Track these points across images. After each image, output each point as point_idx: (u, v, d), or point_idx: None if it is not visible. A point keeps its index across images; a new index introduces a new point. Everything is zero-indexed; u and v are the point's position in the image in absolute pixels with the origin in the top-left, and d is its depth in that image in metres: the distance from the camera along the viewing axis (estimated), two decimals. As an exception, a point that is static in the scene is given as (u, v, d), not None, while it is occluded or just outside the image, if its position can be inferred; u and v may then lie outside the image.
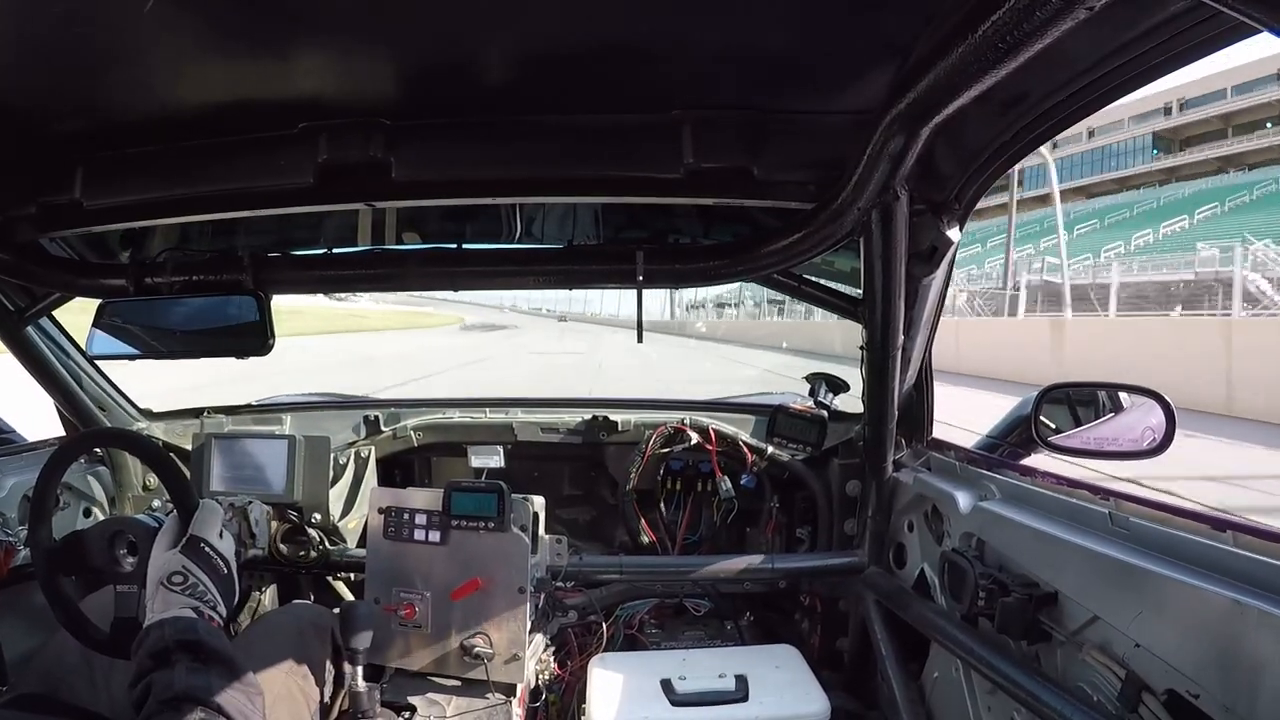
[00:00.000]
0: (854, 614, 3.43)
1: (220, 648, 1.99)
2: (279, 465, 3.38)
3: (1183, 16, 1.41)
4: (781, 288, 3.04)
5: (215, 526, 2.33)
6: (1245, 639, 1.49)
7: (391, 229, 3.07)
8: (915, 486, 2.96)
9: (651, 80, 2.07)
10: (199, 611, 2.09)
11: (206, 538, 2.27)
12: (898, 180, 2.02)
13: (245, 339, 2.73)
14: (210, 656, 1.94)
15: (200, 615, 2.07)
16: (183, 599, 2.11)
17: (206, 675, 1.88)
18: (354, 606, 2.61)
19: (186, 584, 2.15)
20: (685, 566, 3.50)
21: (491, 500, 2.91)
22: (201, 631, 1.99)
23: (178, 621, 2.00)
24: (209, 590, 2.17)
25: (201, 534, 2.27)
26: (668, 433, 3.77)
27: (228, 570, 2.28)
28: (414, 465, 4.26)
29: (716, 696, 2.85)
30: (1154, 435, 2.62)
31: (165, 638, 1.94)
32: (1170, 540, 1.78)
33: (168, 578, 2.14)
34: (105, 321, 2.79)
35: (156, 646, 1.93)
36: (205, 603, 2.14)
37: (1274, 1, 0.93)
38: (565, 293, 4.88)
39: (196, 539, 2.26)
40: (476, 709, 2.85)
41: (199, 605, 2.11)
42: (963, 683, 2.62)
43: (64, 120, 2.20)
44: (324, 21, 1.75)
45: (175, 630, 1.97)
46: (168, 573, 2.15)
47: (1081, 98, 1.78)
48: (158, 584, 2.14)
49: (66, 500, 3.46)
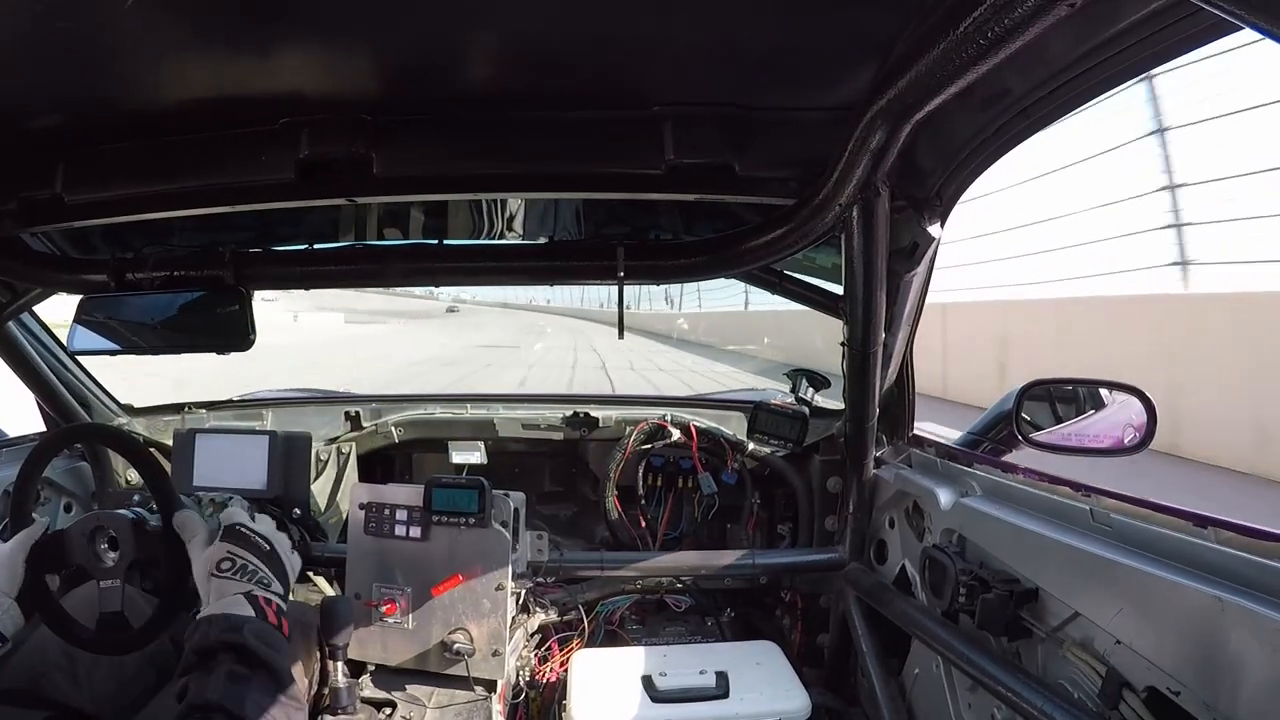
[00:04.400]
0: (835, 610, 3.43)
1: (267, 654, 1.91)
2: (260, 461, 3.36)
3: (1164, 13, 1.41)
4: (763, 284, 3.05)
5: (244, 514, 2.31)
6: (1226, 636, 1.49)
7: (373, 225, 3.06)
8: (896, 483, 2.97)
9: (632, 76, 2.07)
10: (253, 596, 2.05)
11: (239, 523, 2.25)
12: (879, 176, 2.03)
13: (226, 335, 2.72)
14: (255, 662, 1.88)
15: (256, 600, 2.03)
16: (236, 583, 2.08)
17: (247, 685, 1.83)
18: (334, 603, 2.60)
19: (235, 567, 2.12)
20: (666, 563, 3.49)
21: (472, 496, 2.90)
22: (249, 634, 1.92)
23: (228, 619, 1.95)
24: (259, 568, 2.15)
25: (233, 520, 2.25)
26: (649, 429, 3.78)
27: (270, 547, 2.25)
28: (395, 461, 4.27)
29: (697, 693, 2.85)
30: (1135, 432, 2.62)
31: (211, 635, 1.90)
32: (1151, 537, 1.78)
33: (215, 566, 2.11)
34: (86, 317, 2.78)
35: (203, 643, 1.89)
36: (258, 583, 2.10)
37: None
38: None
39: (230, 526, 2.23)
40: (457, 704, 2.84)
41: (252, 588, 2.07)
42: (943, 679, 2.63)
43: (45, 115, 2.18)
44: (305, 17, 1.74)
45: (222, 629, 1.92)
46: (214, 562, 2.12)
47: (1064, 94, 1.78)
48: (208, 576, 2.11)
49: (47, 495, 3.46)
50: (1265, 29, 0.93)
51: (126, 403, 4.00)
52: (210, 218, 2.52)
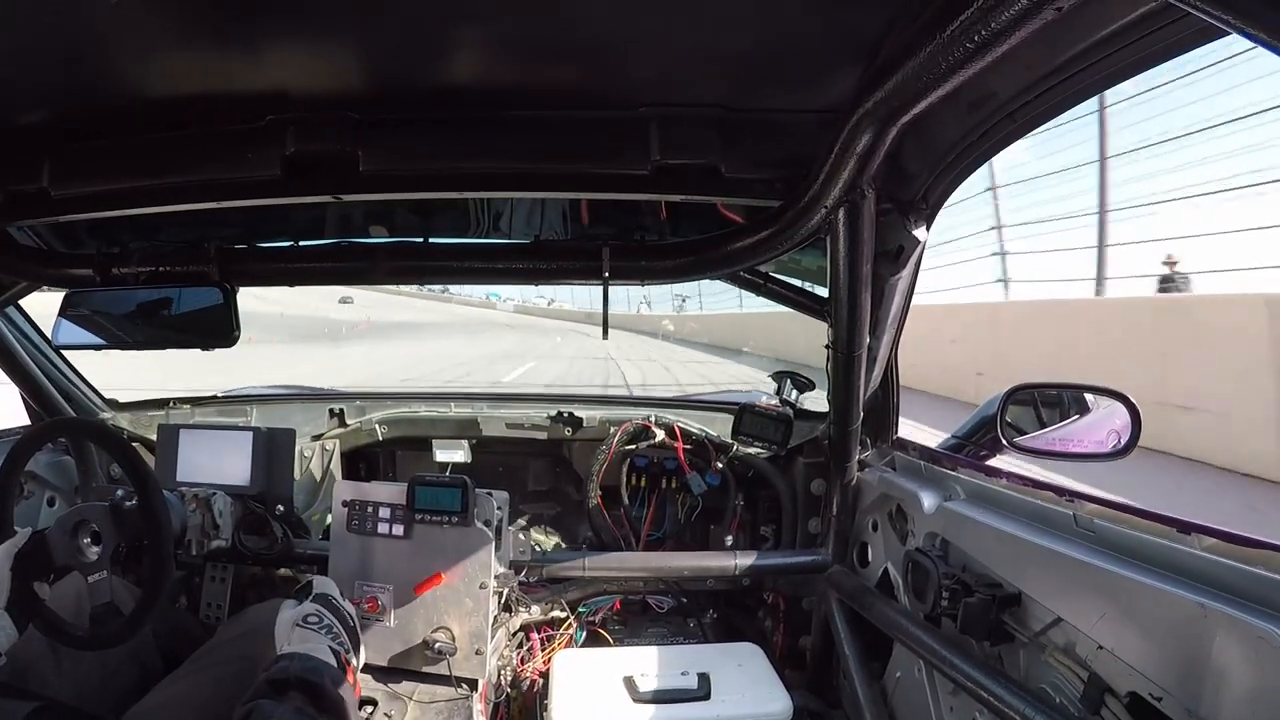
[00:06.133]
0: (817, 613, 3.44)
1: (339, 702, 1.91)
2: (244, 457, 3.37)
3: (1151, 18, 1.41)
4: (748, 286, 3.04)
5: (335, 590, 2.39)
6: (1208, 642, 1.49)
7: (359, 223, 3.06)
8: (880, 486, 2.97)
9: (619, 77, 2.06)
10: (336, 652, 2.08)
11: (331, 594, 2.32)
12: (865, 179, 2.03)
13: (211, 331, 2.71)
14: (326, 706, 1.88)
15: (339, 656, 2.07)
16: (319, 636, 2.12)
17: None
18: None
19: (322, 624, 2.17)
20: (649, 564, 3.50)
21: (455, 495, 2.90)
22: (327, 678, 1.93)
23: (309, 660, 1.97)
24: (343, 633, 2.19)
25: (326, 591, 2.32)
26: (633, 429, 3.78)
27: (353, 624, 2.31)
28: (379, 459, 4.28)
29: (679, 694, 2.85)
30: (1119, 437, 2.62)
31: (290, 670, 1.90)
32: (1134, 542, 1.78)
33: (303, 618, 2.17)
34: (71, 311, 2.77)
35: (279, 675, 1.89)
36: (340, 644, 2.14)
37: (1241, 4, 0.93)
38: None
39: (323, 594, 2.30)
40: (438, 703, 2.84)
41: (335, 645, 2.11)
42: (925, 683, 2.63)
43: (32, 109, 2.17)
44: (292, 14, 1.73)
45: (302, 667, 1.93)
46: (302, 615, 2.18)
47: (1050, 98, 1.78)
48: (292, 626, 2.15)
49: (31, 489, 3.47)
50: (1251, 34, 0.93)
51: (111, 397, 3.99)
52: (196, 214, 2.51)
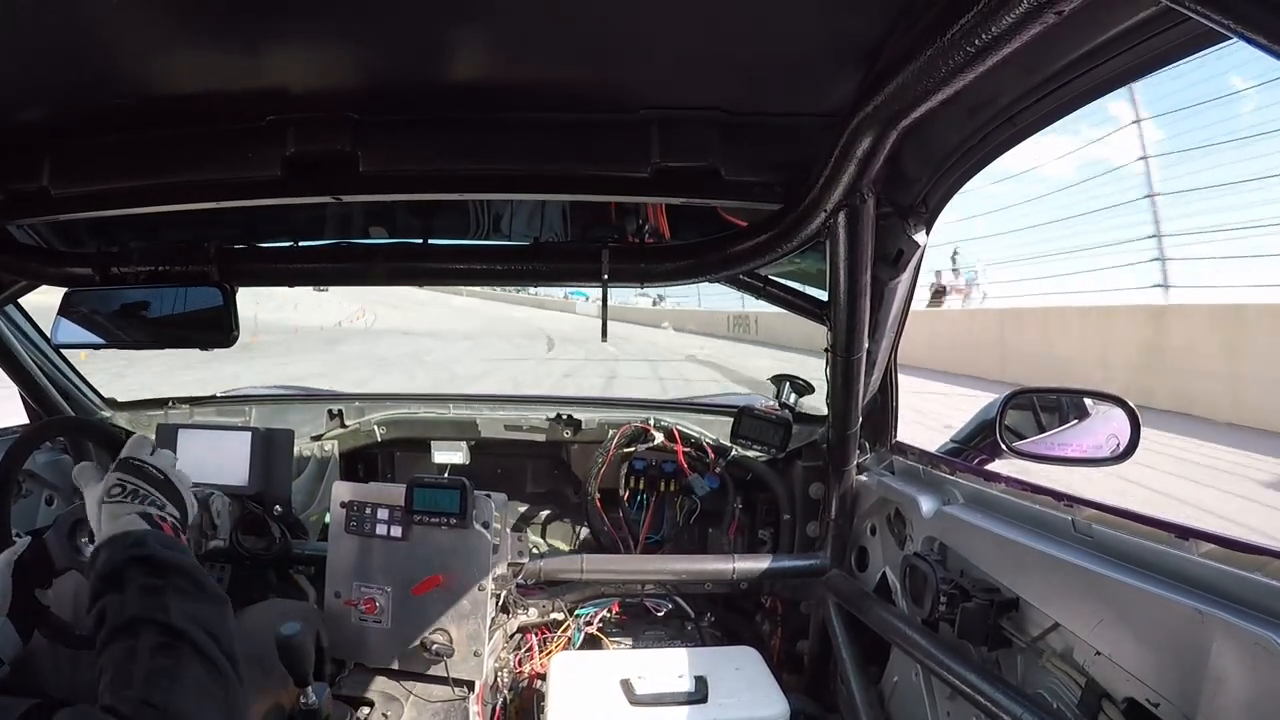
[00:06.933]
0: (815, 616, 3.44)
1: (176, 559, 1.78)
2: (242, 457, 3.37)
3: (1152, 22, 1.41)
4: (747, 289, 3.03)
5: (145, 448, 2.14)
6: (1206, 649, 1.49)
7: (359, 223, 3.05)
8: (878, 490, 2.97)
9: (620, 79, 2.06)
10: (148, 515, 1.91)
11: (134, 456, 2.08)
12: (865, 183, 2.02)
13: (209, 330, 2.72)
14: (166, 569, 1.74)
15: (151, 518, 1.91)
16: (128, 505, 1.92)
17: (163, 593, 1.68)
18: (289, 640, 2.56)
19: (126, 492, 1.96)
20: (647, 566, 3.51)
21: (454, 496, 2.90)
22: (153, 543, 1.79)
23: (126, 537, 1.81)
24: (152, 493, 2.00)
25: (129, 454, 2.09)
26: (631, 432, 3.78)
27: (165, 477, 2.07)
28: (377, 460, 4.26)
29: (676, 697, 2.85)
30: (1118, 441, 2.62)
31: (114, 558, 1.75)
32: (1133, 548, 1.78)
33: (106, 493, 1.95)
34: (70, 310, 2.78)
35: (106, 568, 1.74)
36: (153, 505, 1.96)
37: (1241, 9, 0.93)
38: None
39: (124, 458, 2.07)
40: (435, 704, 2.85)
41: (147, 510, 1.93)
42: (922, 688, 2.62)
43: (32, 108, 2.17)
44: (293, 14, 1.72)
45: (124, 546, 1.78)
46: (105, 490, 1.96)
47: (1051, 102, 1.78)
48: (98, 505, 1.94)
49: (29, 488, 3.47)
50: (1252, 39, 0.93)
51: (109, 396, 4.00)
52: (196, 213, 2.51)
